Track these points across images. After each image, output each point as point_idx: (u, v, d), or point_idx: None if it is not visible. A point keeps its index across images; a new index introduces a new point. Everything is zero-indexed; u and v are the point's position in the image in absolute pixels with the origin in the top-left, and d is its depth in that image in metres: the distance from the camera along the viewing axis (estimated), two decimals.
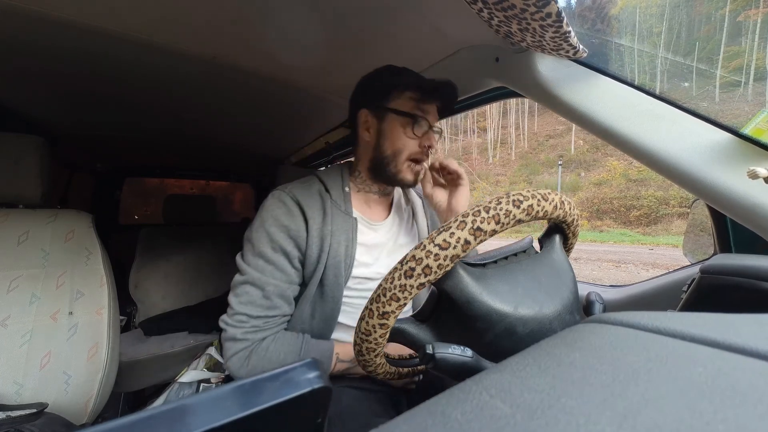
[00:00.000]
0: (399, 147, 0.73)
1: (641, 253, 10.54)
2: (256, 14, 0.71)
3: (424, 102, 0.72)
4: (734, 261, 0.43)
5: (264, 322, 0.67)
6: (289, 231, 0.69)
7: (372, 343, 0.41)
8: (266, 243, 0.68)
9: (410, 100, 0.72)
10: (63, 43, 0.79)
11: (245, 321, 0.66)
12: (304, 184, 0.76)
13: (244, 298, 0.66)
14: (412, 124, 0.72)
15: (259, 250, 0.68)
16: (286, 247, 0.68)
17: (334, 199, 0.74)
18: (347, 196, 0.77)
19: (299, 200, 0.71)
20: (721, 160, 0.53)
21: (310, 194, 0.74)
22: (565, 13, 0.48)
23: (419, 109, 0.72)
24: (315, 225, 0.70)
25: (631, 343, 0.20)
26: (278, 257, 0.68)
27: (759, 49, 27.38)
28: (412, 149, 0.73)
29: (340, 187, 0.77)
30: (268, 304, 0.67)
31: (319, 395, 0.20)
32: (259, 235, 0.69)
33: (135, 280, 1.70)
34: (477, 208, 0.37)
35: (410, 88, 0.72)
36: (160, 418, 0.16)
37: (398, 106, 0.72)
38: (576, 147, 24.89)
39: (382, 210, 0.84)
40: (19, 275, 0.90)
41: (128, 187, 2.40)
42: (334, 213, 0.73)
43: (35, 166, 0.92)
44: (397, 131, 0.73)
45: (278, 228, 0.68)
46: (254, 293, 0.66)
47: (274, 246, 0.68)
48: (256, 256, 0.68)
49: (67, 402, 0.88)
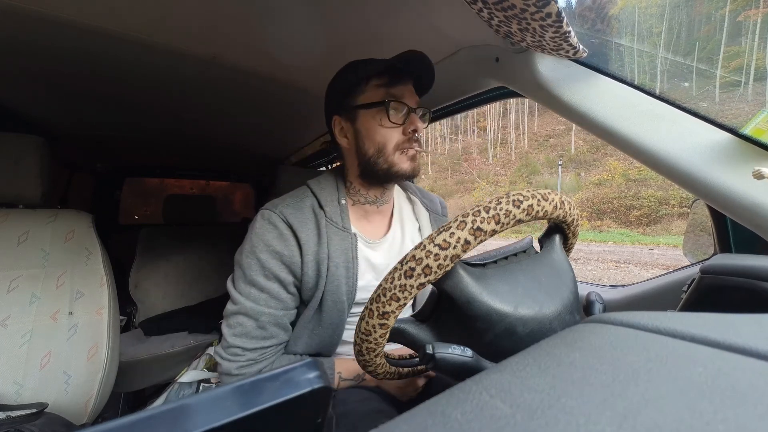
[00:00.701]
0: (380, 141, 0.66)
1: (641, 253, 10.54)
2: (256, 14, 0.71)
3: (394, 84, 0.65)
4: (734, 261, 0.43)
5: (260, 354, 0.63)
6: (282, 258, 0.64)
7: (372, 343, 0.41)
8: (258, 271, 0.63)
9: (378, 88, 0.66)
10: (63, 43, 0.79)
11: (240, 354, 0.62)
12: (295, 200, 0.69)
13: (237, 330, 0.62)
14: (385, 112, 0.65)
15: (251, 278, 0.63)
16: (280, 274, 0.64)
17: (329, 216, 0.68)
18: (344, 209, 0.70)
19: (290, 222, 0.64)
20: (721, 160, 0.53)
21: (302, 213, 0.67)
22: (565, 13, 0.48)
23: (390, 94, 0.65)
24: (309, 249, 0.64)
25: (631, 343, 0.20)
26: (272, 285, 0.64)
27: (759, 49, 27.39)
28: (396, 139, 0.66)
29: (335, 201, 0.70)
30: (263, 334, 0.63)
31: (319, 395, 0.20)
32: (250, 261, 0.64)
33: (135, 280, 1.70)
34: (477, 208, 0.37)
35: (375, 76, 0.66)
36: (160, 418, 0.16)
37: (367, 99, 0.66)
38: (576, 147, 24.89)
39: (381, 224, 0.78)
40: (19, 275, 0.90)
41: (128, 187, 2.40)
42: (329, 232, 0.66)
43: (35, 166, 0.92)
44: (373, 125, 0.66)
45: (270, 255, 0.63)
46: (248, 324, 0.62)
47: (267, 274, 0.63)
48: (248, 285, 0.63)
49: (67, 402, 0.88)
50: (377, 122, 0.66)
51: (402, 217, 0.81)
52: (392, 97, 0.65)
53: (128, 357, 1.37)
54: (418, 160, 0.70)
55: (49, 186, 0.96)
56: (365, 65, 0.66)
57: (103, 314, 0.97)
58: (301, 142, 1.76)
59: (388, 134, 0.66)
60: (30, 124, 1.32)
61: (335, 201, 0.70)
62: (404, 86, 0.67)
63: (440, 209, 0.88)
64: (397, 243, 0.77)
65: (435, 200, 0.89)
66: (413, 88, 0.69)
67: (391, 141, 0.66)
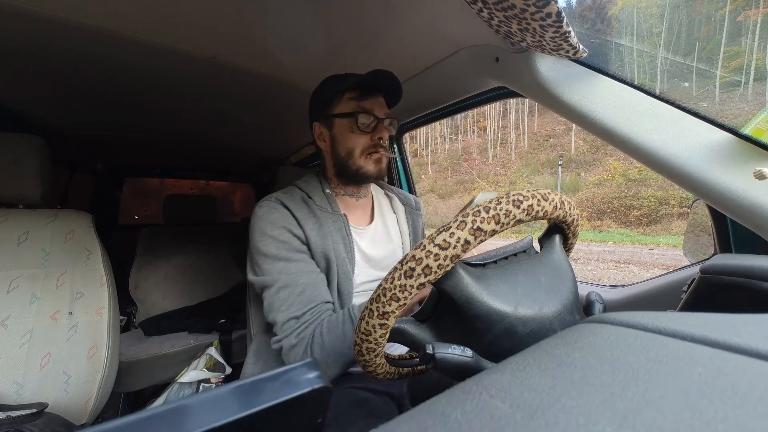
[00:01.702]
0: (350, 145, 0.75)
1: (641, 253, 10.53)
2: (256, 14, 0.71)
3: (364, 98, 0.75)
4: (734, 261, 0.43)
5: (311, 314, 0.65)
6: (292, 231, 0.69)
7: (372, 343, 0.41)
8: (279, 246, 0.68)
9: (350, 100, 0.75)
10: (63, 43, 0.79)
11: (294, 324, 0.64)
12: (286, 194, 0.76)
13: (283, 306, 0.65)
14: (355, 122, 0.74)
15: (274, 255, 0.67)
16: (296, 244, 0.69)
17: (318, 204, 0.76)
18: (330, 197, 0.79)
19: (287, 204, 0.72)
20: (721, 160, 0.53)
21: (294, 201, 0.74)
22: (565, 13, 0.48)
23: (360, 107, 0.74)
24: (309, 228, 0.71)
25: (631, 343, 0.20)
26: (295, 254, 0.68)
27: (759, 49, 27.39)
28: (363, 144, 0.75)
29: (320, 191, 0.79)
30: (306, 298, 0.66)
31: (319, 395, 0.20)
32: (266, 242, 0.68)
33: (135, 280, 1.70)
34: (477, 208, 0.37)
35: (348, 90, 0.75)
36: (160, 418, 0.16)
37: (341, 109, 0.75)
38: (576, 147, 24.89)
39: (365, 214, 0.86)
40: (19, 275, 0.90)
41: (128, 187, 2.40)
42: (323, 216, 0.74)
43: (35, 166, 0.92)
44: (345, 132, 0.76)
45: (281, 230, 0.69)
46: (290, 295, 0.65)
47: (287, 246, 0.68)
48: (275, 261, 0.67)
49: (67, 402, 0.88)
50: (349, 129, 0.75)
51: (382, 210, 0.90)
52: (361, 108, 0.74)
53: (128, 357, 1.37)
54: (383, 164, 0.78)
55: (49, 186, 0.96)
56: (341, 81, 0.76)
57: (103, 314, 0.97)
58: (301, 142, 1.76)
59: (357, 140, 0.75)
60: (30, 124, 1.32)
61: (321, 192, 0.79)
62: (374, 99, 0.76)
63: (414, 204, 0.97)
64: (380, 231, 0.85)
65: (409, 197, 0.99)
66: (384, 101, 0.78)
67: (359, 145, 0.75)
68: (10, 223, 0.93)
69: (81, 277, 0.97)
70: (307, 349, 0.62)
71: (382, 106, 0.78)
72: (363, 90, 0.75)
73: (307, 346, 0.62)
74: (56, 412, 0.84)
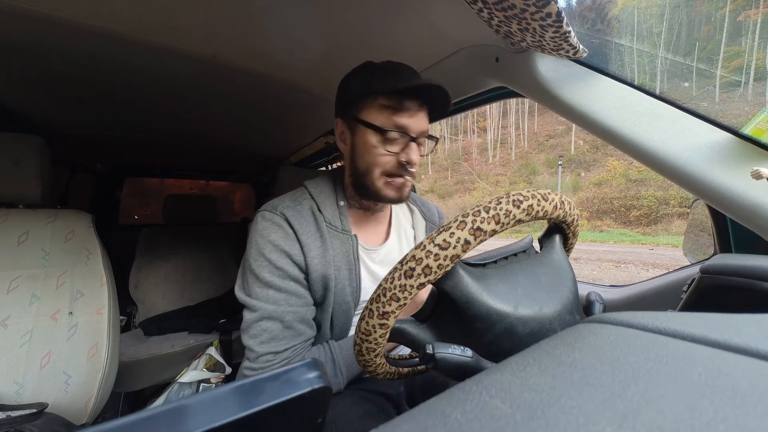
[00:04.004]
0: (371, 162, 0.64)
1: (641, 253, 10.53)
2: (256, 14, 0.71)
3: (401, 110, 0.61)
4: (734, 261, 0.43)
5: (291, 352, 0.61)
6: (291, 257, 0.62)
7: (372, 343, 0.41)
8: (272, 272, 0.61)
9: (383, 109, 0.62)
10: (63, 43, 0.79)
11: (272, 359, 0.60)
12: (294, 202, 0.68)
13: (264, 337, 0.60)
14: (383, 138, 0.62)
15: (265, 281, 0.61)
16: (293, 272, 0.62)
17: (329, 221, 0.67)
18: (342, 211, 0.69)
19: (292, 223, 0.63)
20: (721, 160, 0.53)
21: (301, 216, 0.66)
22: (565, 13, 0.48)
23: (394, 122, 0.62)
24: (313, 253, 0.63)
25: (631, 343, 0.20)
26: (289, 284, 0.62)
27: (759, 49, 27.39)
28: (386, 165, 0.64)
29: (333, 203, 0.70)
30: (291, 333, 0.61)
31: (319, 395, 0.20)
32: (260, 264, 0.61)
33: (135, 280, 1.71)
34: (477, 208, 0.37)
35: (384, 94, 0.61)
36: (160, 418, 0.16)
37: (370, 116, 0.63)
38: (576, 147, 24.89)
39: (379, 231, 0.77)
40: (19, 275, 0.90)
41: (128, 187, 2.40)
42: (331, 237, 0.66)
43: (35, 166, 0.92)
44: (369, 146, 0.63)
45: (280, 254, 0.62)
46: (274, 328, 0.60)
47: (281, 273, 0.62)
48: (265, 287, 0.61)
49: (67, 402, 0.88)
50: (374, 143, 0.63)
51: (399, 227, 0.81)
52: (394, 126, 0.62)
53: (128, 357, 1.37)
54: (405, 191, 0.67)
55: (49, 186, 0.96)
56: (376, 77, 0.63)
57: (103, 314, 0.97)
58: (301, 142, 1.76)
59: (380, 159, 0.64)
60: (30, 124, 1.32)
61: (334, 204, 0.70)
62: (412, 113, 0.63)
63: (437, 219, 0.89)
64: (395, 251, 0.77)
65: (433, 210, 0.90)
66: (424, 114, 0.65)
67: (380, 165, 0.64)
68: (10, 223, 0.93)
69: (81, 277, 0.97)
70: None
71: (420, 121, 0.64)
72: (401, 99, 0.61)
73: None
74: (56, 412, 0.84)
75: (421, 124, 0.64)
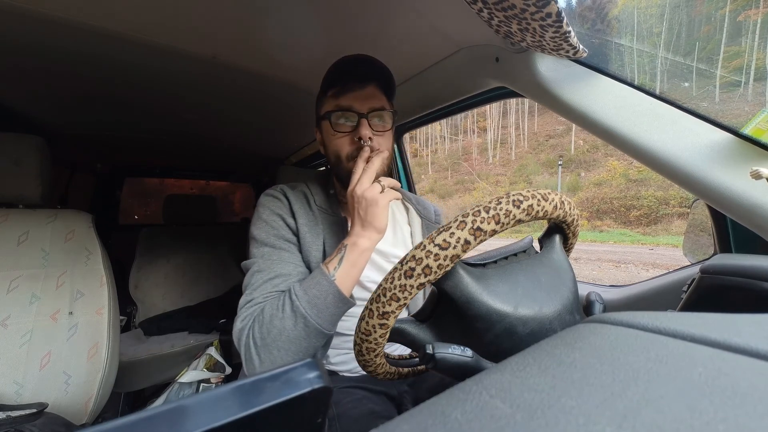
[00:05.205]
0: (333, 150, 0.69)
1: (641, 253, 10.53)
2: (256, 14, 0.71)
3: (343, 93, 0.65)
4: (734, 261, 0.43)
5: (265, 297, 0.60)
6: (285, 220, 0.68)
7: (372, 343, 0.41)
8: (267, 231, 0.67)
9: (332, 98, 0.67)
10: (63, 43, 0.79)
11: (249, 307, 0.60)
12: (291, 185, 0.76)
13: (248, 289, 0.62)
14: (330, 123, 0.67)
15: (262, 240, 0.67)
16: (285, 234, 0.68)
17: (319, 204, 0.73)
18: (332, 198, 0.75)
19: (288, 196, 0.72)
20: (721, 160, 0.53)
21: (295, 192, 0.73)
22: (565, 13, 0.48)
23: (338, 105, 0.66)
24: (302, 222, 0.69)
25: (631, 343, 0.20)
26: (282, 243, 0.67)
27: (759, 49, 27.39)
28: (346, 148, 0.67)
29: (325, 191, 0.76)
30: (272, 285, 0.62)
31: (319, 395, 0.20)
32: (258, 227, 0.68)
33: (135, 280, 1.71)
34: (477, 208, 0.37)
35: (329, 86, 0.68)
36: (160, 418, 0.16)
37: (322, 110, 0.70)
38: (576, 147, 24.89)
39: None
40: (19, 275, 0.90)
41: (128, 187, 2.41)
42: (322, 218, 0.72)
43: (35, 166, 0.92)
44: (328, 135, 0.69)
45: (275, 217, 0.68)
46: (259, 279, 0.62)
47: (276, 233, 0.67)
48: (261, 245, 0.66)
49: (67, 402, 0.88)
50: (330, 132, 0.68)
51: (394, 219, 0.82)
52: (339, 106, 0.66)
53: (128, 357, 1.37)
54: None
55: (49, 186, 0.96)
56: (327, 76, 0.68)
57: (103, 314, 0.97)
58: (301, 142, 1.76)
59: (339, 144, 0.68)
60: (30, 124, 1.32)
61: (325, 191, 0.76)
62: (357, 92, 0.66)
63: (433, 216, 0.89)
64: (387, 242, 0.78)
65: (429, 207, 0.90)
66: (375, 90, 0.67)
67: (342, 150, 0.68)
68: (10, 223, 0.93)
69: (81, 277, 0.97)
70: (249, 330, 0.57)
71: (368, 99, 0.66)
72: (343, 83, 0.65)
73: (250, 327, 0.57)
74: (56, 412, 0.84)
75: (371, 102, 0.67)
